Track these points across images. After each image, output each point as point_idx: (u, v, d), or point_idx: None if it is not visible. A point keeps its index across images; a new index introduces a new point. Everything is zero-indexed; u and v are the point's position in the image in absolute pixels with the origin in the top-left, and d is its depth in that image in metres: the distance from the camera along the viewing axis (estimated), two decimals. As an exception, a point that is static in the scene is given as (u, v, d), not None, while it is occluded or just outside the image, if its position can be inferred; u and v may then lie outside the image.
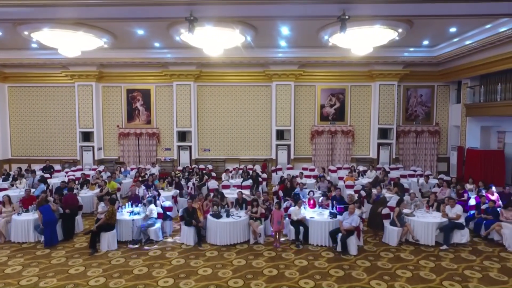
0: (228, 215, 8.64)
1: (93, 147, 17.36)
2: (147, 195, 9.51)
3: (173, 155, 17.57)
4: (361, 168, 15.08)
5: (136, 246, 8.31)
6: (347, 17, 8.87)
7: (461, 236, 8.19)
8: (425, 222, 8.27)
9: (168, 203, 9.86)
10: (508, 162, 15.43)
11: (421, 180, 12.14)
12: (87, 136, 17.36)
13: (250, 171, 13.69)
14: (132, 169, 15.89)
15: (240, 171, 14.23)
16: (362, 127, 17.67)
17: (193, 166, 15.48)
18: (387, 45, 13.91)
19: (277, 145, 17.21)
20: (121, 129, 17.69)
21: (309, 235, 8.43)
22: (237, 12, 9.53)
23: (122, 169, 14.93)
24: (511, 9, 9.28)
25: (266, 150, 17.75)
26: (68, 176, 13.95)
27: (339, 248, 7.87)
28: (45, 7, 8.70)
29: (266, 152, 17.74)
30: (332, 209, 8.91)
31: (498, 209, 8.77)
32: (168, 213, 9.38)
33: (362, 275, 6.83)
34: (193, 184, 13.11)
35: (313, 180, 13.17)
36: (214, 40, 11.66)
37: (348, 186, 12.34)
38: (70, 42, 11.99)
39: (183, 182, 12.73)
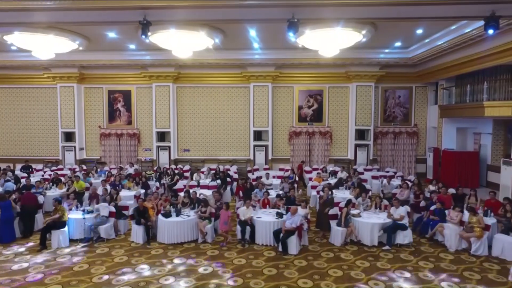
0: (178, 215, 8.83)
1: (74, 147, 17.72)
2: (101, 195, 9.73)
3: (152, 155, 17.83)
4: (333, 168, 15.15)
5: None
6: (296, 20, 9.01)
7: (404, 237, 8.27)
8: (368, 222, 8.37)
9: (130, 202, 10.11)
10: (483, 163, 15.40)
11: (384, 181, 12.20)
12: (69, 137, 17.72)
13: (216, 171, 13.86)
14: (111, 169, 16.16)
15: (213, 172, 14.41)
16: (340, 128, 17.74)
17: (163, 167, 15.69)
18: (361, 47, 14.08)
19: (254, 146, 17.37)
20: (102, 129, 18.02)
21: (255, 234, 8.57)
22: (192, 16, 9.72)
23: (98, 169, 15.20)
24: (467, 12, 9.41)
25: (245, 151, 17.92)
26: (43, 176, 14.27)
27: (280, 248, 8.00)
28: (14, 12, 9.01)
29: (244, 153, 17.91)
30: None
31: (446, 210, 8.82)
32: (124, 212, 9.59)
33: (293, 274, 6.96)
34: (163, 184, 13.36)
35: (280, 181, 13.25)
36: (181, 42, 11.90)
37: (313, 187, 12.45)
38: (43, 45, 12.30)
39: (151, 182, 12.96)
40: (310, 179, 13.92)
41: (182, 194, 10.22)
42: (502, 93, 12.80)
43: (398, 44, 14.56)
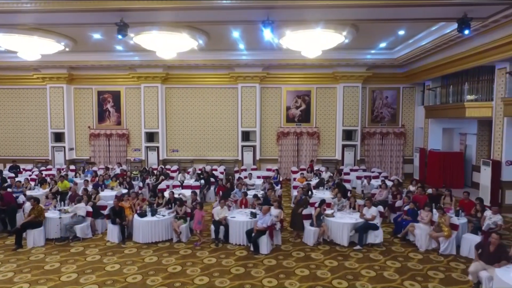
0: (153, 214, 8.93)
1: (64, 147, 17.85)
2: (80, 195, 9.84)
3: (141, 155, 17.94)
4: (318, 168, 15.22)
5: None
6: (271, 21, 9.10)
7: (375, 237, 8.34)
8: (340, 222, 8.44)
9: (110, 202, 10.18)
10: (468, 164, 15.45)
11: (365, 181, 12.26)
12: (58, 137, 17.86)
13: (201, 171, 13.96)
14: (99, 169, 16.28)
15: (199, 172, 14.52)
16: (328, 129, 17.81)
17: (150, 167, 15.81)
18: (348, 47, 14.14)
19: (242, 146, 17.46)
20: (92, 130, 18.15)
21: (229, 234, 8.66)
22: (169, 17, 9.85)
23: (86, 169, 15.32)
24: (441, 14, 9.50)
25: (233, 151, 18.01)
26: (30, 175, 14.42)
27: (252, 247, 8.09)
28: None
29: (233, 153, 18.00)
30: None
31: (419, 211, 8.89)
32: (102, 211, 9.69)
33: (260, 273, 7.05)
34: (148, 184, 13.47)
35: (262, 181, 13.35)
36: (165, 43, 12.00)
37: (294, 187, 12.52)
38: (28, 46, 12.41)
39: (136, 182, 13.07)
40: (294, 179, 13.99)
41: (166, 194, 10.34)
42: (484, 94, 12.86)
43: (383, 45, 14.61)
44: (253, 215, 8.75)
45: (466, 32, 9.14)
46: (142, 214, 8.87)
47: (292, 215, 9.24)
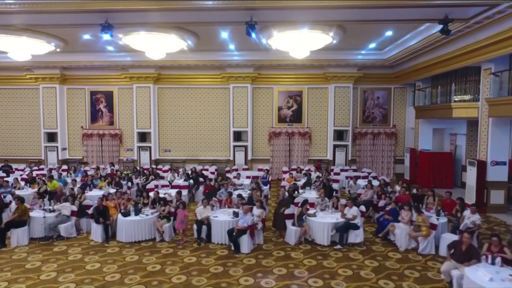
0: (137, 214, 8.99)
1: (57, 147, 17.93)
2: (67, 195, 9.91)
3: (134, 155, 18.02)
4: (308, 168, 15.29)
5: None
6: (253, 22, 9.17)
7: (355, 236, 8.39)
8: (321, 222, 8.50)
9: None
10: (458, 164, 15.50)
11: (351, 181, 12.31)
12: (51, 137, 17.95)
13: (191, 171, 14.03)
14: (92, 169, 16.36)
15: (187, 172, 14.58)
16: (319, 129, 17.86)
17: (140, 167, 15.88)
18: (338, 48, 14.23)
19: (234, 146, 17.52)
20: (84, 130, 18.24)
21: (212, 233, 8.73)
22: (154, 18, 9.93)
23: (77, 170, 15.40)
24: (424, 15, 9.58)
25: (225, 151, 18.07)
26: (21, 175, 14.50)
27: (233, 247, 8.15)
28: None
29: (225, 153, 18.07)
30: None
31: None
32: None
33: (238, 272, 7.11)
34: (137, 184, 13.53)
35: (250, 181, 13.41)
36: (153, 44, 12.07)
37: (282, 187, 12.55)
38: (18, 46, 12.49)
39: (125, 182, 13.14)
40: (283, 179, 14.05)
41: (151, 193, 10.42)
42: (471, 94, 12.91)
43: (372, 45, 14.67)
44: (236, 214, 8.82)
45: (447, 33, 9.23)
46: (126, 214, 8.94)
47: (274, 214, 9.31)
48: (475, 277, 5.38)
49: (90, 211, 9.16)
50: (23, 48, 12.64)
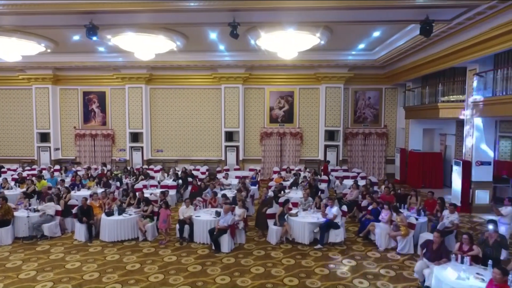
0: (120, 213, 9.06)
1: (49, 147, 18.02)
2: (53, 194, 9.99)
3: (126, 155, 18.09)
4: (297, 168, 15.33)
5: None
6: (236, 23, 9.23)
7: (336, 236, 8.44)
8: (301, 222, 8.56)
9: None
10: (448, 164, 15.52)
11: (337, 182, 12.36)
12: (44, 137, 18.04)
13: (182, 171, 14.10)
14: (84, 169, 16.43)
15: (179, 172, 14.66)
16: (311, 129, 17.92)
17: (130, 167, 15.96)
18: (328, 48, 14.29)
19: (226, 146, 17.59)
20: (77, 130, 18.32)
21: (194, 233, 8.79)
22: (138, 19, 10.00)
23: (68, 170, 15.49)
24: (406, 16, 9.63)
25: (217, 151, 18.14)
26: (13, 175, 14.60)
27: (213, 246, 8.22)
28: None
29: (217, 154, 18.14)
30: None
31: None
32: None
33: (216, 271, 7.17)
34: (127, 184, 13.59)
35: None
36: (142, 45, 12.15)
37: (269, 187, 12.61)
38: (7, 47, 12.57)
39: (113, 182, 13.21)
40: (272, 179, 14.10)
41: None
42: (458, 94, 12.95)
43: (362, 46, 14.70)
44: (218, 214, 8.87)
45: (427, 34, 9.29)
46: (109, 213, 9.01)
47: (256, 214, 9.37)
48: (442, 274, 5.43)
49: (74, 211, 9.20)
50: (13, 49, 12.72)
